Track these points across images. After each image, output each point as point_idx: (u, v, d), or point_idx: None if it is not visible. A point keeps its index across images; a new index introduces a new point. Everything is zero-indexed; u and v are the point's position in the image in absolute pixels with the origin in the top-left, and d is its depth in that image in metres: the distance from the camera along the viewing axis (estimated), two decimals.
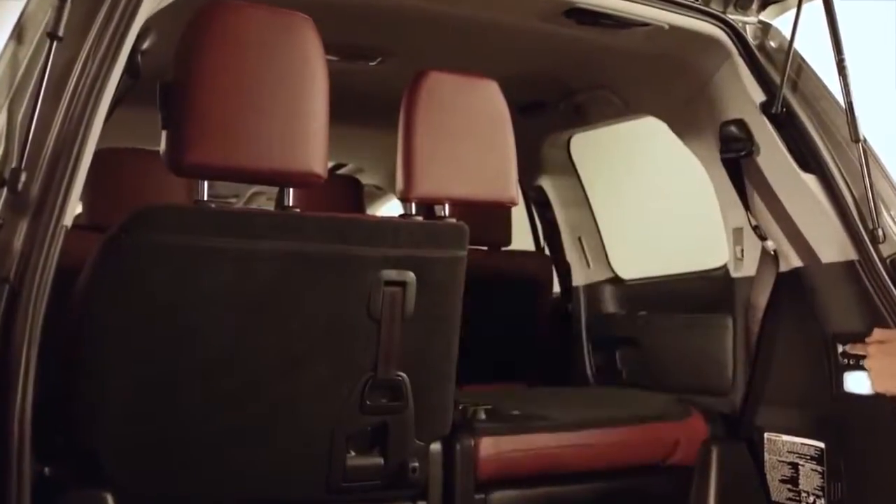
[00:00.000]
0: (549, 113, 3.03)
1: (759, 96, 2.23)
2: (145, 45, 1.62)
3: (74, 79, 1.47)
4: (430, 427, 1.92)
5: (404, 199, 1.84)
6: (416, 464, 1.89)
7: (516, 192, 1.95)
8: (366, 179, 3.93)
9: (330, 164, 3.94)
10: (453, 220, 1.85)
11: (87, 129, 1.45)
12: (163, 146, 1.58)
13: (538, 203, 3.41)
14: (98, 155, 2.47)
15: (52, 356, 1.70)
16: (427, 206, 1.89)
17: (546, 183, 3.33)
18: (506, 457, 2.13)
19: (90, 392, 1.61)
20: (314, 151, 1.64)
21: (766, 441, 2.34)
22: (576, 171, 3.32)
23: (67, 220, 1.42)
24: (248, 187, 4.46)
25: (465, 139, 1.85)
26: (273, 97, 1.61)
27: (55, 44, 1.42)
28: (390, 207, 4.55)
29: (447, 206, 1.87)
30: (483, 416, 2.18)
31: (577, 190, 3.31)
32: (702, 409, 2.44)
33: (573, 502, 2.24)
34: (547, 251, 3.43)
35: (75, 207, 1.48)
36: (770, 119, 2.20)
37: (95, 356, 1.60)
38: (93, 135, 1.46)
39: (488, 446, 2.11)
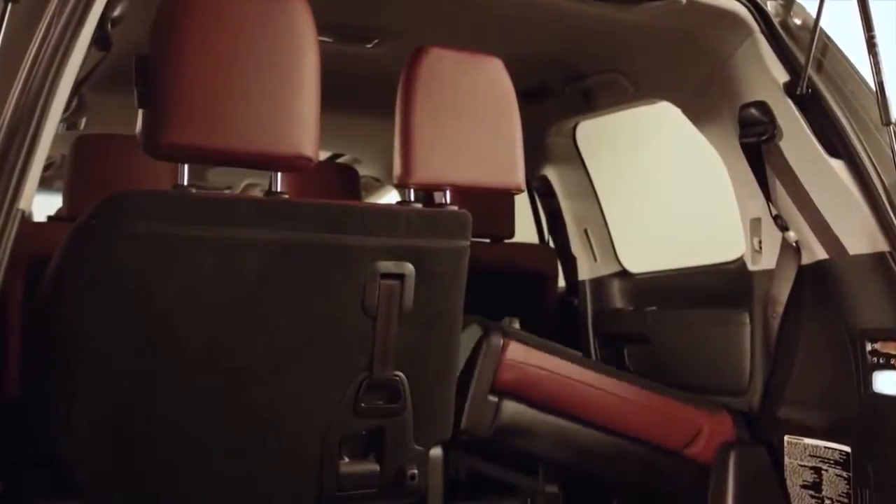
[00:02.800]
0: (554, 99, 2.93)
1: (782, 76, 2.13)
2: (117, 13, 1.50)
3: (34, 48, 1.35)
4: (429, 431, 1.82)
5: (402, 185, 1.73)
6: (415, 470, 1.79)
7: (522, 178, 1.85)
8: (363, 171, 3.86)
9: (326, 155, 3.87)
10: (455, 208, 1.76)
11: (46, 104, 1.33)
12: (139, 126, 1.47)
13: (542, 194, 3.32)
14: (78, 142, 2.41)
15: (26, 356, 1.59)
16: (426, 194, 1.80)
17: (550, 173, 3.25)
18: (530, 370, 2.05)
19: (58, 394, 1.50)
20: (304, 133, 1.54)
21: (786, 444, 2.23)
22: (582, 160, 3.23)
23: (24, 205, 1.30)
24: (242, 179, 4.36)
25: (468, 120, 1.75)
26: (260, 74, 1.51)
27: (10, 6, 1.29)
28: (389, 200, 4.44)
29: (448, 194, 1.77)
30: (518, 326, 2.10)
31: (582, 180, 3.22)
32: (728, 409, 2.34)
33: (581, 450, 2.16)
34: (551, 244, 3.35)
35: (33, 191, 1.36)
36: (794, 101, 2.10)
37: (64, 354, 1.49)
38: (53, 111, 1.35)
39: (516, 351, 2.05)
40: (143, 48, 1.46)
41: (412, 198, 1.75)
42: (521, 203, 3.22)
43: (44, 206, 3.85)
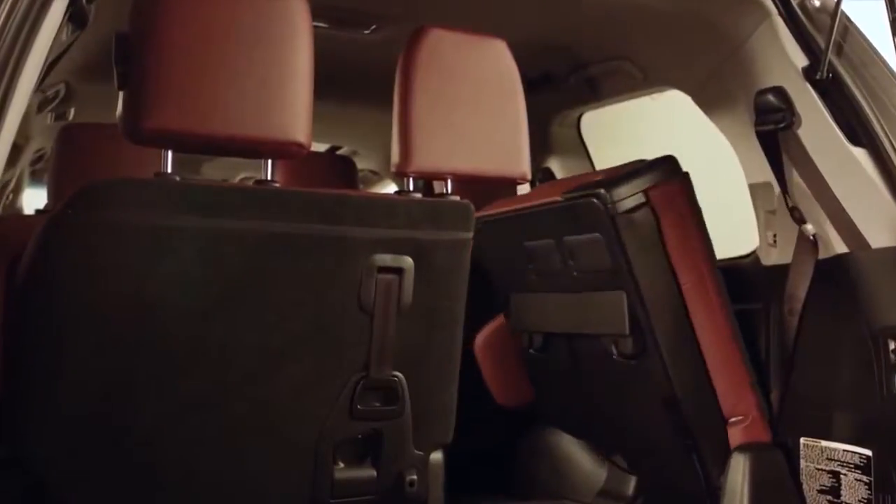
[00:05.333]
0: (559, 87, 2.87)
1: (800, 61, 2.05)
2: None
3: None
4: (429, 434, 1.77)
5: (400, 174, 1.68)
6: (414, 476, 1.74)
7: (528, 167, 1.79)
8: (362, 164, 3.81)
9: (323, 148, 3.80)
10: (457, 198, 1.70)
11: (11, 83, 1.28)
12: (119, 109, 1.41)
13: None
14: (63, 132, 2.34)
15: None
16: (426, 183, 1.78)
17: (554, 165, 3.18)
18: (677, 214, 2.15)
19: (32, 396, 1.42)
20: (296, 118, 1.48)
21: (802, 446, 2.15)
22: (586, 151, 3.17)
23: None
24: (237, 172, 4.28)
25: (470, 105, 1.70)
26: (249, 55, 1.45)
27: None
28: None
29: (449, 183, 1.72)
30: None
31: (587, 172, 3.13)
32: None
33: (662, 310, 2.15)
34: None
35: None
36: (813, 86, 2.02)
37: (38, 353, 1.42)
38: (20, 91, 1.31)
39: (682, 192, 2.16)
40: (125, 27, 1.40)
41: (411, 187, 1.69)
42: None
43: (37, 199, 3.78)
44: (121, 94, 1.40)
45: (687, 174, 2.20)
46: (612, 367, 2.25)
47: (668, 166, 2.17)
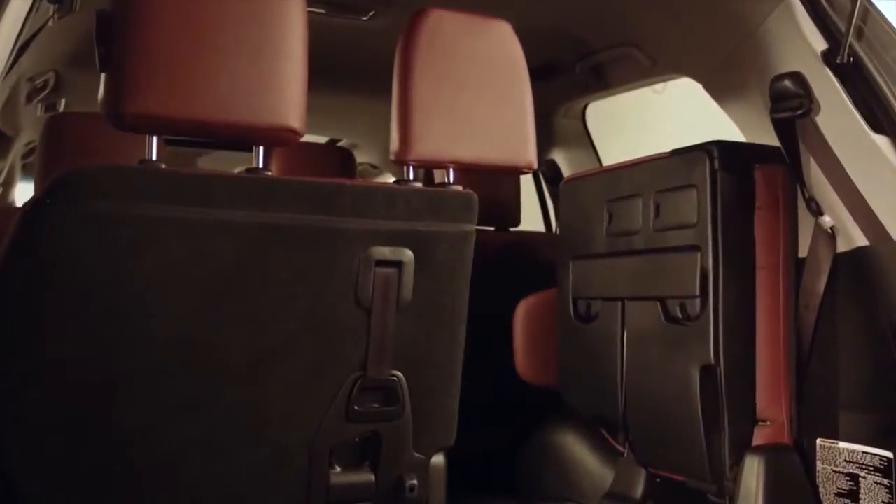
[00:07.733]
0: (564, 77, 2.83)
1: (819, 45, 1.97)
2: None
3: None
4: (430, 437, 1.72)
5: (400, 163, 1.62)
6: (414, 481, 1.69)
7: (534, 155, 1.74)
8: (361, 157, 3.77)
9: (322, 141, 3.75)
10: (459, 188, 1.64)
11: None
12: (101, 93, 1.36)
13: (550, 179, 3.24)
14: (51, 122, 2.28)
15: None
16: (427, 172, 1.74)
17: (559, 156, 3.16)
18: (771, 191, 2.11)
19: (5, 398, 1.36)
20: (288, 103, 1.43)
21: (818, 448, 2.08)
22: (592, 142, 3.15)
23: None
24: (233, 166, 4.22)
25: (473, 90, 1.65)
26: (239, 36, 1.40)
27: None
28: None
29: (451, 172, 1.67)
30: None
31: (593, 164, 3.13)
32: None
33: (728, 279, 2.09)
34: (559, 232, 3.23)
35: None
36: (833, 71, 1.94)
37: (12, 353, 1.35)
38: None
39: (773, 178, 2.11)
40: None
41: (411, 176, 1.63)
42: (526, 189, 3.14)
43: (31, 194, 3.72)
44: (103, 76, 1.35)
45: (792, 168, 2.17)
46: (658, 334, 2.20)
47: (775, 153, 2.15)
